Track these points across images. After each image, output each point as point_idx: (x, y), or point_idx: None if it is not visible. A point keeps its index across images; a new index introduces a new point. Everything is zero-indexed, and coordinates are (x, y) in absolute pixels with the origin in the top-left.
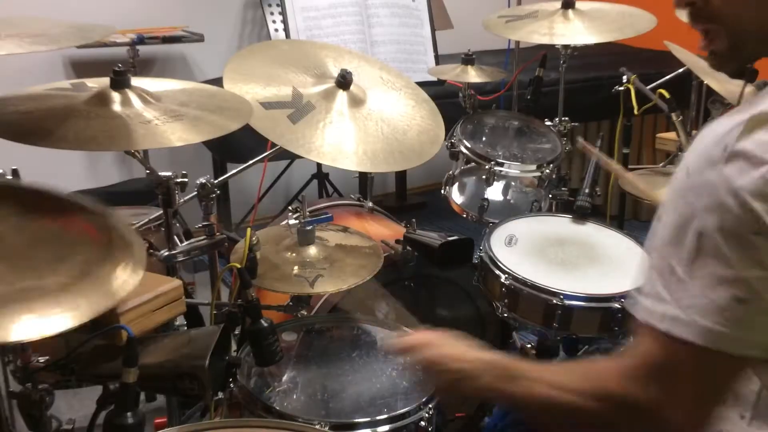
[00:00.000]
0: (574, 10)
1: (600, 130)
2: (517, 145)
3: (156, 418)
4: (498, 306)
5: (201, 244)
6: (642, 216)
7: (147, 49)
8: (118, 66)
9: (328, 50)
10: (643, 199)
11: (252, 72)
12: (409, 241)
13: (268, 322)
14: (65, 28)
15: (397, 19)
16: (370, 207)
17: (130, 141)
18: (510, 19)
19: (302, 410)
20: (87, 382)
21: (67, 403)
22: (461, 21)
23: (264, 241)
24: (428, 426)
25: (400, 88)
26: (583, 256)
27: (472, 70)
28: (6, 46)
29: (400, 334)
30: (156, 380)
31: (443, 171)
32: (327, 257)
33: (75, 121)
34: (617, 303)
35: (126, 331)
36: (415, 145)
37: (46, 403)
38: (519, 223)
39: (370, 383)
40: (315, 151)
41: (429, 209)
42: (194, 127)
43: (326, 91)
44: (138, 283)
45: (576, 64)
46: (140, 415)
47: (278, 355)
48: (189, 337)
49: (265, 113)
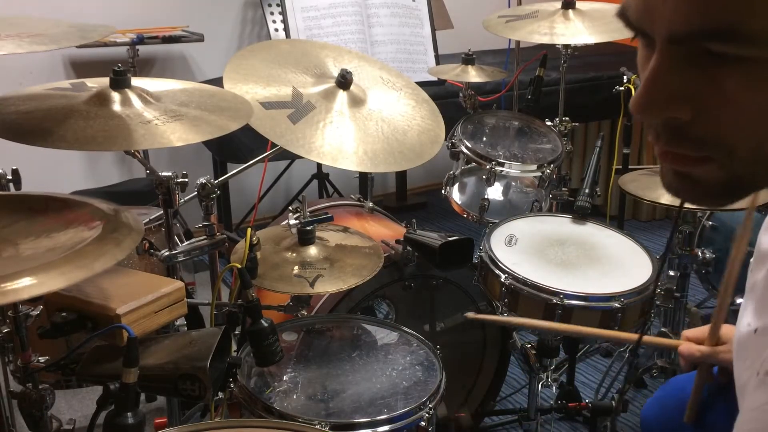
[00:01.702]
0: (574, 10)
1: (600, 130)
2: (518, 145)
3: (156, 418)
4: (498, 306)
5: (201, 244)
6: (642, 216)
7: (147, 49)
8: (118, 66)
9: (328, 50)
10: (643, 199)
11: (252, 72)
12: (410, 242)
13: (268, 322)
14: (65, 28)
15: (397, 19)
16: (371, 207)
17: (130, 141)
18: (510, 19)
19: (302, 410)
20: (87, 382)
21: (67, 403)
22: (461, 21)
23: (264, 241)
24: (428, 426)
25: (400, 88)
26: (583, 256)
27: (472, 70)
28: (6, 46)
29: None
30: (157, 381)
31: (443, 171)
32: (327, 257)
33: (75, 121)
34: (617, 303)
35: (127, 331)
36: (415, 145)
37: (46, 403)
38: (519, 223)
39: (370, 383)
40: (315, 151)
41: (429, 209)
42: (194, 127)
43: (326, 91)
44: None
45: (576, 64)
46: (140, 416)
47: (278, 355)
48: (190, 338)
49: (265, 113)
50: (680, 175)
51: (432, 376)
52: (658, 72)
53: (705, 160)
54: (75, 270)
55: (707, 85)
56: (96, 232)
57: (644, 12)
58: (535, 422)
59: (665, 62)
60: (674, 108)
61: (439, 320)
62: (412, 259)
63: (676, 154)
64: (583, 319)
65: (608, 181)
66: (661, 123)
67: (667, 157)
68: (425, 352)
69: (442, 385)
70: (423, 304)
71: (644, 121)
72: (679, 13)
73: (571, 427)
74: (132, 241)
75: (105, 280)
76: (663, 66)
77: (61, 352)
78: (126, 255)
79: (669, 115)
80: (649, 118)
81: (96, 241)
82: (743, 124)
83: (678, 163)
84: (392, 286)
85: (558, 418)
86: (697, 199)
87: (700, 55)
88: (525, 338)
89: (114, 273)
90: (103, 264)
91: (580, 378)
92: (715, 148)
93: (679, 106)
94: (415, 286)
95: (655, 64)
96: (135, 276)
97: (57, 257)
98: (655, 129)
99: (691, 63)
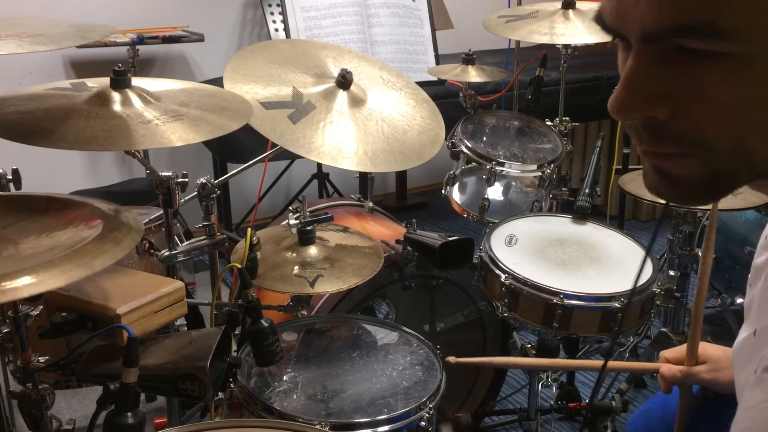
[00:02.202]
0: (574, 10)
1: (600, 130)
2: (518, 145)
3: (156, 418)
4: (498, 306)
5: (201, 244)
6: (642, 216)
7: (147, 49)
8: (118, 66)
9: (328, 50)
10: (643, 199)
11: (252, 72)
12: (410, 242)
13: (268, 322)
14: (65, 28)
15: (397, 19)
16: (371, 207)
17: (130, 141)
18: (510, 19)
19: (302, 410)
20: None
21: (67, 403)
22: (461, 21)
23: (264, 241)
24: (428, 426)
25: (400, 88)
26: (583, 256)
27: (472, 69)
28: (6, 46)
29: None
30: (157, 381)
31: (443, 171)
32: (327, 257)
33: (75, 121)
34: (617, 303)
35: (127, 331)
36: (415, 145)
37: (46, 403)
38: (519, 223)
39: (370, 383)
40: (315, 151)
41: (429, 209)
42: (194, 127)
43: (326, 90)
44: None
45: (576, 64)
46: (140, 415)
47: (278, 355)
48: (190, 338)
49: (265, 113)
50: (661, 173)
51: (432, 376)
52: (634, 72)
53: (686, 156)
54: (75, 269)
55: (683, 82)
56: (96, 231)
57: (618, 13)
58: (535, 422)
59: (641, 62)
60: (651, 107)
61: (439, 320)
62: (412, 259)
63: (656, 152)
64: (583, 319)
65: (608, 181)
66: (640, 123)
67: (649, 155)
68: (425, 352)
69: (442, 385)
70: (423, 304)
71: (622, 121)
72: (651, 12)
73: (571, 427)
74: (132, 241)
75: (105, 280)
76: (639, 66)
77: (61, 352)
78: (126, 254)
79: (646, 115)
80: (626, 118)
81: (96, 240)
82: (721, 120)
83: (659, 159)
84: (392, 286)
85: (558, 418)
86: (679, 198)
87: (674, 53)
88: (525, 338)
89: (114, 273)
90: (102, 263)
91: (580, 378)
92: (695, 145)
93: (655, 105)
94: (415, 286)
95: (631, 64)
96: (135, 276)
97: (57, 256)
98: (635, 129)
99: (666, 61)
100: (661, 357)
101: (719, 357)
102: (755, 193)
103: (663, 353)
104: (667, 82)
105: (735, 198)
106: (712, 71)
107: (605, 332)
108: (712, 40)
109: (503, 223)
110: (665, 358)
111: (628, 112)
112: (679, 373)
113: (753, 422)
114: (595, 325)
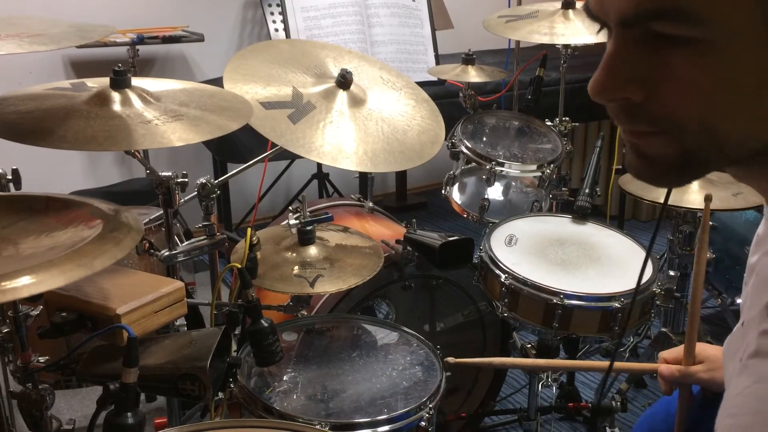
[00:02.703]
0: (574, 10)
1: (600, 130)
2: (518, 145)
3: (156, 418)
4: (498, 306)
5: (201, 244)
6: (642, 216)
7: (147, 49)
8: (118, 66)
9: (328, 50)
10: (643, 199)
11: (252, 72)
12: (410, 242)
13: (268, 322)
14: (65, 28)
15: (397, 19)
16: (371, 207)
17: (130, 141)
18: (510, 19)
19: (302, 410)
20: (87, 382)
21: (67, 403)
22: (461, 21)
23: (264, 241)
24: (428, 426)
25: (400, 88)
26: (583, 256)
27: (472, 70)
28: (6, 46)
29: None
30: (157, 381)
31: (443, 171)
32: (327, 257)
33: (75, 121)
34: (617, 303)
35: (127, 331)
36: (415, 145)
37: (46, 403)
38: (519, 223)
39: (370, 383)
40: (315, 151)
41: (429, 209)
42: (194, 127)
43: (326, 90)
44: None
45: (576, 64)
46: (140, 416)
47: (278, 355)
48: (190, 338)
49: (265, 113)
50: (638, 152)
51: (432, 376)
52: (612, 56)
53: (658, 134)
54: (75, 268)
55: (657, 66)
56: (96, 231)
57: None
58: (535, 422)
59: (619, 46)
60: (628, 89)
61: (439, 320)
62: (412, 259)
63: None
64: (583, 319)
65: (608, 181)
66: (617, 105)
67: (627, 134)
68: (425, 352)
69: (442, 385)
70: (423, 304)
71: (601, 102)
72: None
73: (571, 427)
74: (132, 241)
75: (105, 280)
76: (617, 50)
77: (61, 352)
78: (126, 254)
79: (622, 96)
80: (605, 100)
81: (96, 240)
82: (688, 102)
83: (636, 137)
84: (392, 286)
85: (558, 418)
86: (655, 178)
87: (650, 38)
88: (525, 338)
89: (114, 273)
90: (102, 263)
91: (580, 378)
92: (667, 125)
93: (631, 87)
94: (415, 286)
95: (610, 48)
96: (135, 276)
97: (57, 256)
98: (613, 111)
99: (642, 45)
100: (659, 358)
101: (717, 357)
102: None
103: (661, 354)
104: (642, 65)
105: (735, 198)
106: (682, 55)
107: (605, 332)
108: (680, 25)
109: (503, 223)
110: (664, 358)
111: (607, 93)
112: (677, 372)
113: (739, 408)
114: (595, 325)
